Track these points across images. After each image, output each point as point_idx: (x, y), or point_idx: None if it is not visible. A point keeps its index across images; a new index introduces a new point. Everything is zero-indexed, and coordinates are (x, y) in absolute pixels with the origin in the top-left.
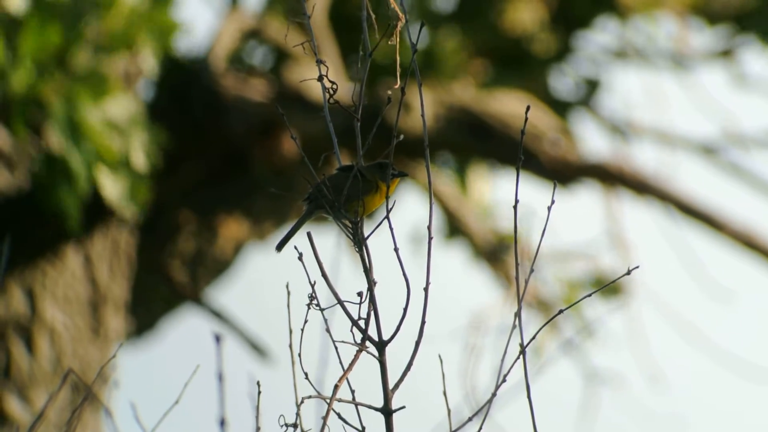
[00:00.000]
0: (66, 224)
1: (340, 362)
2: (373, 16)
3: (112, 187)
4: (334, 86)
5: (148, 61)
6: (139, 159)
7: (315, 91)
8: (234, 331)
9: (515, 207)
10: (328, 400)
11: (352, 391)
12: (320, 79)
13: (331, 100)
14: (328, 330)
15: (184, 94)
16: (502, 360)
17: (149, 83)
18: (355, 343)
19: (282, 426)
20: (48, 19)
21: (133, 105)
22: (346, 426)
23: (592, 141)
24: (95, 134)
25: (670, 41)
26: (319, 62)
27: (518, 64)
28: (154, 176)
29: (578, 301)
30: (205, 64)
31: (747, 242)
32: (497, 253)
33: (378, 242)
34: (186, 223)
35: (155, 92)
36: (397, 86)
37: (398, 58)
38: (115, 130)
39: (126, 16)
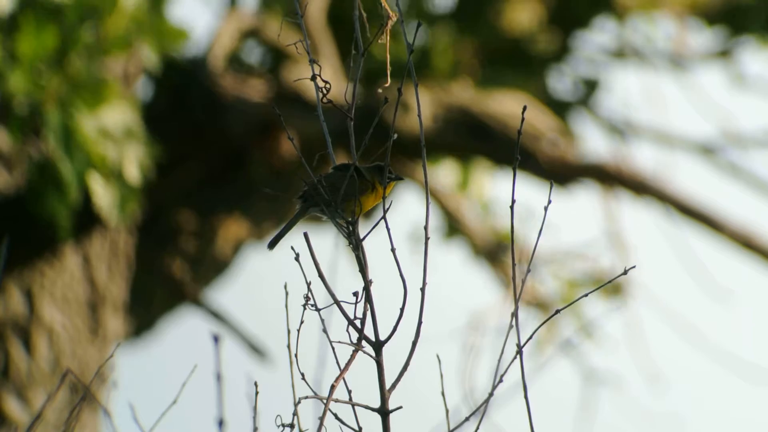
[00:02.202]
0: (57, 231)
1: (337, 362)
2: (365, 15)
3: (102, 196)
4: (328, 86)
5: (147, 63)
6: (132, 170)
7: (313, 91)
8: (232, 332)
9: (512, 207)
10: (325, 401)
11: (349, 392)
12: (313, 78)
13: (325, 100)
14: (324, 330)
15: (183, 94)
16: (499, 360)
17: (148, 83)
18: (352, 343)
19: (279, 426)
20: (44, 21)
21: (130, 114)
22: (343, 426)
23: (590, 141)
24: (89, 143)
25: (669, 41)
26: (312, 62)
27: (517, 64)
28: (146, 188)
29: (575, 301)
30: (203, 64)
31: (746, 242)
32: (496, 253)
33: (376, 242)
34: (185, 223)
35: (154, 92)
36: (387, 84)
37: (388, 56)
38: (110, 140)
39: (125, 20)
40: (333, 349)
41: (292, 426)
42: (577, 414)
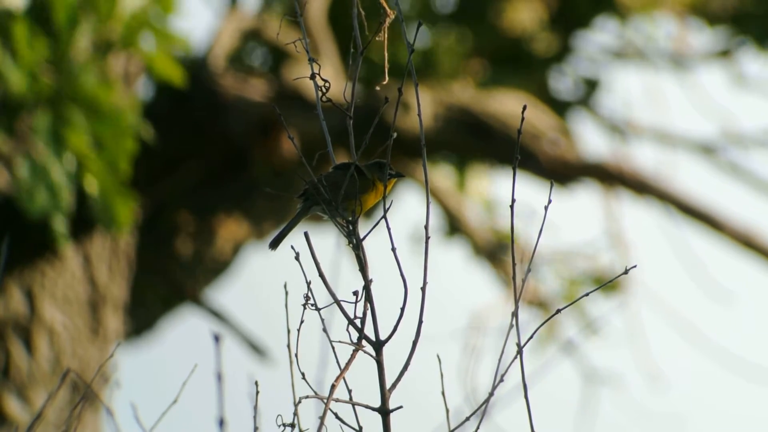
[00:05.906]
0: (54, 237)
1: (338, 362)
2: (362, 14)
3: (99, 204)
4: (327, 84)
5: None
6: (127, 171)
7: (313, 90)
8: (233, 331)
9: (512, 206)
10: (325, 400)
11: (349, 391)
12: (312, 77)
13: (324, 98)
14: (325, 329)
15: (184, 94)
16: (500, 360)
17: (148, 83)
18: (352, 343)
19: (280, 426)
20: (42, 21)
21: (126, 113)
22: (344, 426)
23: (591, 141)
24: (82, 146)
25: (670, 41)
26: (311, 60)
27: (518, 64)
28: (142, 187)
29: (575, 301)
30: (204, 64)
31: (746, 242)
32: (497, 253)
33: (376, 241)
34: (185, 223)
35: (155, 92)
36: (385, 81)
37: (386, 53)
38: (105, 141)
39: (125, 22)
40: (333, 348)
41: (292, 425)
42: (578, 414)
